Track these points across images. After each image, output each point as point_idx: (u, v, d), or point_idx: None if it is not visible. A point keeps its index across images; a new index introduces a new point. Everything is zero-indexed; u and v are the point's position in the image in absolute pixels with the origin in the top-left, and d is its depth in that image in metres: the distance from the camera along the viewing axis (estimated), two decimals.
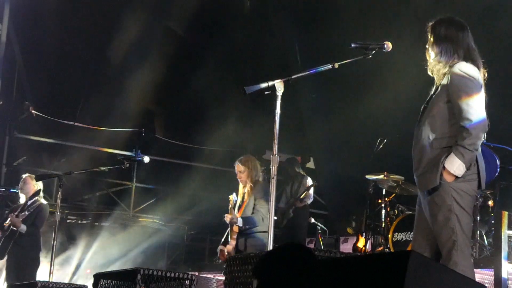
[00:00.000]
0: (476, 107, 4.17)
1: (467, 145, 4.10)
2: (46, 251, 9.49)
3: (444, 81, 4.29)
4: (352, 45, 4.53)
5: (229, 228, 7.42)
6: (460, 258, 4.09)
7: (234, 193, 7.46)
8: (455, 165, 4.12)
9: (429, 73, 4.50)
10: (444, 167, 4.14)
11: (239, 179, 7.46)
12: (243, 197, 7.44)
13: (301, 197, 9.94)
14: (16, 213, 8.70)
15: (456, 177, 4.14)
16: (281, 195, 10.30)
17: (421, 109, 4.46)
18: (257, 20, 13.98)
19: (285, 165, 10.34)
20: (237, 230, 7.22)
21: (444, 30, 4.39)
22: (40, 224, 8.85)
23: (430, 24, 4.48)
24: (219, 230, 13.04)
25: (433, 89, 4.45)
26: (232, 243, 7.24)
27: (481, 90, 4.27)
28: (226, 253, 7.22)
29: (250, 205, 7.27)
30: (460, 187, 4.18)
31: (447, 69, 4.31)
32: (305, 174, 10.53)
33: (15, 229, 8.59)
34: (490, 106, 4.37)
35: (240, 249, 7.17)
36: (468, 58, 4.33)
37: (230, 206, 7.31)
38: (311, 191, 10.15)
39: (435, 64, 4.41)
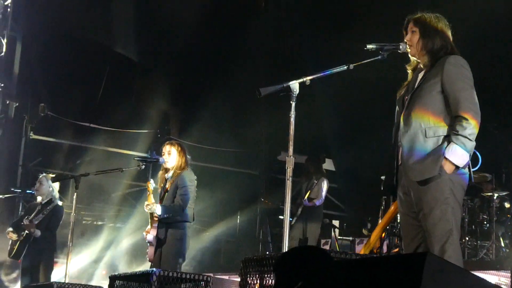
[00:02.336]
0: (474, 97, 4.19)
1: (468, 134, 4.08)
2: (62, 252, 9.53)
3: (434, 72, 4.27)
4: (368, 46, 4.51)
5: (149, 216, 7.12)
6: (454, 252, 4.05)
7: (152, 180, 7.17)
8: (458, 155, 4.08)
9: (408, 67, 4.53)
10: (445, 158, 4.09)
11: (165, 162, 7.10)
12: (165, 184, 7.14)
13: (306, 196, 9.82)
14: (30, 217, 8.73)
15: (456, 168, 4.10)
16: (297, 195, 10.06)
17: (402, 100, 4.45)
18: (272, 21, 13.97)
19: (307, 162, 10.21)
20: (157, 218, 6.94)
21: (436, 24, 4.39)
22: (55, 226, 8.86)
23: (417, 16, 4.47)
24: (235, 231, 13.11)
25: (416, 80, 4.42)
26: (152, 231, 6.93)
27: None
28: (147, 242, 7.01)
29: (173, 193, 6.99)
30: (457, 180, 4.15)
31: (437, 61, 4.31)
32: (323, 175, 10.30)
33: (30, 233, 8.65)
34: None
35: (160, 238, 6.91)
36: (455, 53, 4.35)
37: (148, 192, 6.99)
38: (323, 193, 9.99)
39: (422, 54, 4.40)
